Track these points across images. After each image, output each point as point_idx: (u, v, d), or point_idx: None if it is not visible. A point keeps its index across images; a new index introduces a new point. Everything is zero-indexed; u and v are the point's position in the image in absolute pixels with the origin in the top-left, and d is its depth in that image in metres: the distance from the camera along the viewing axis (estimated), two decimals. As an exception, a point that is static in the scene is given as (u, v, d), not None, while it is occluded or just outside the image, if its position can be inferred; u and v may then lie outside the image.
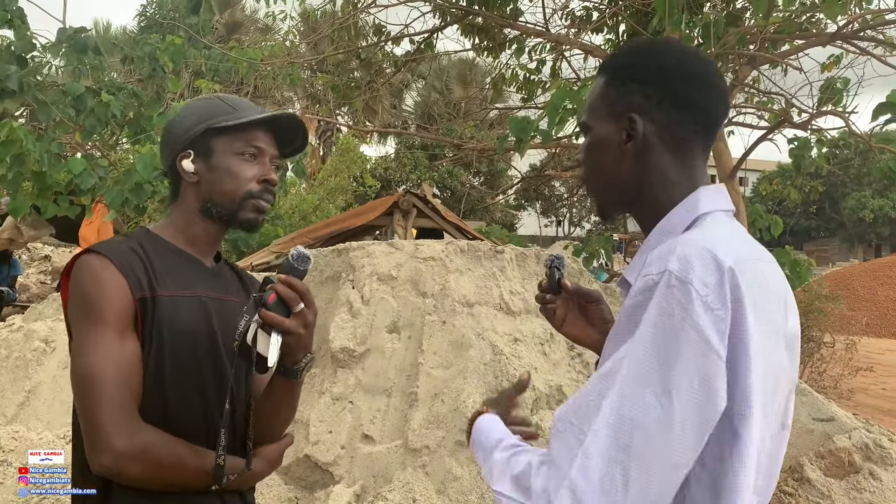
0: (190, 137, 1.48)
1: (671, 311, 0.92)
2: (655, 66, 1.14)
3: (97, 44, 5.47)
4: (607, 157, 1.18)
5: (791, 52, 5.19)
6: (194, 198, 1.50)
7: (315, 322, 1.33)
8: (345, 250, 3.99)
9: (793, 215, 29.79)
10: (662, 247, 1.01)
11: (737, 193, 5.43)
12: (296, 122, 1.57)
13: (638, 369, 0.92)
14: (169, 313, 1.38)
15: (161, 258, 1.44)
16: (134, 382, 1.32)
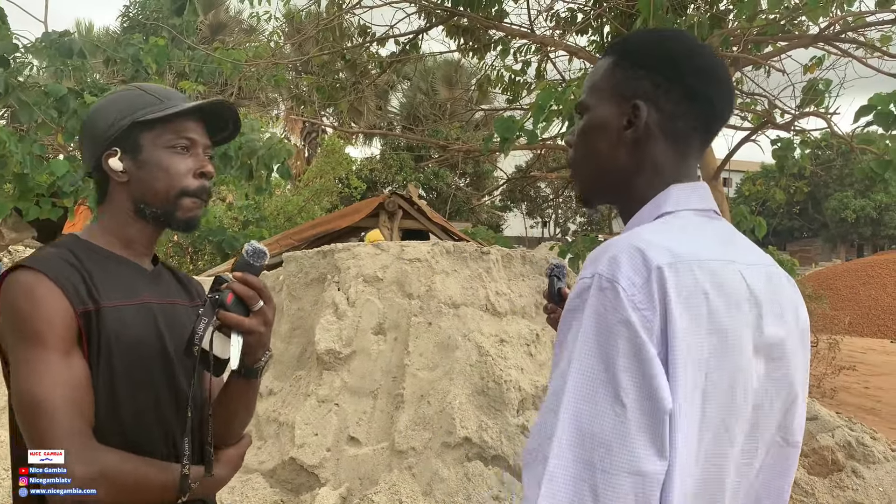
0: (114, 133, 1.37)
1: (605, 315, 0.90)
2: (667, 54, 1.11)
3: (82, 48, 5.43)
4: (603, 140, 1.13)
5: (774, 53, 5.23)
6: (125, 198, 1.40)
7: (274, 319, 1.28)
8: (330, 252, 3.98)
9: (776, 216, 30.05)
10: (598, 248, 0.99)
11: (721, 194, 5.46)
12: (226, 108, 1.48)
13: (584, 379, 0.89)
14: (115, 325, 1.30)
15: (99, 267, 1.34)
16: (85, 404, 1.24)
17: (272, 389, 3.82)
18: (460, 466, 3.33)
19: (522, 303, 3.99)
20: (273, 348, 4.14)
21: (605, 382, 0.88)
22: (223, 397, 1.41)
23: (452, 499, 3.21)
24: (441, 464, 3.32)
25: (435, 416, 3.43)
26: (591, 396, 0.88)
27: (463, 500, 3.21)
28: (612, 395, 0.88)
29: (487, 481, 3.29)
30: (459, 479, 3.28)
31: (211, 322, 1.20)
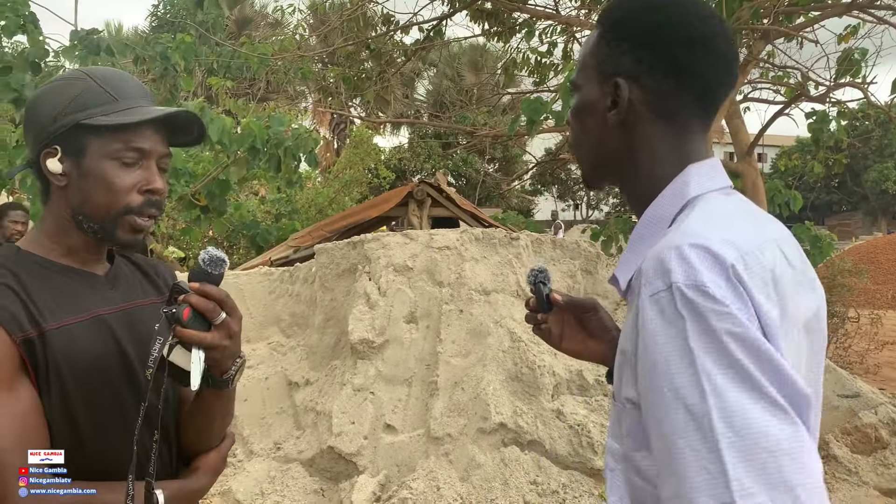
0: (56, 131, 1.20)
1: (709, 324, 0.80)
2: (651, 25, 1.00)
3: (109, 45, 5.51)
4: (591, 122, 1.05)
5: (806, 24, 5.10)
6: (64, 204, 1.23)
7: (241, 328, 1.15)
8: (360, 242, 4.00)
9: (813, 189, 29.41)
10: (652, 254, 0.89)
11: (755, 170, 5.36)
12: (188, 117, 1.29)
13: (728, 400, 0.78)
14: (65, 347, 1.16)
15: (41, 282, 1.19)
16: (37, 438, 1.13)
17: (308, 379, 3.87)
18: (496, 452, 3.34)
19: (554, 287, 3.97)
20: (308, 339, 4.13)
21: (752, 393, 0.78)
22: (197, 407, 1.31)
23: (490, 484, 3.22)
24: (477, 449, 3.33)
25: (469, 402, 3.44)
26: (743, 410, 0.78)
27: (500, 486, 3.21)
28: (769, 403, 0.78)
29: (524, 466, 3.30)
30: (496, 464, 3.29)
31: (168, 341, 1.09)
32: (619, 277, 1.02)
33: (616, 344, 1.32)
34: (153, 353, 1.08)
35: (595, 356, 1.35)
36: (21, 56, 5.01)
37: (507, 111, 13.08)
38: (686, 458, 0.79)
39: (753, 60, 5.19)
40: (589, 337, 1.35)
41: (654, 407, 0.84)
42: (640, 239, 1.01)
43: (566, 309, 1.34)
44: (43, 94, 1.25)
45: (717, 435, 0.77)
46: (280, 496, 3.40)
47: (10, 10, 4.84)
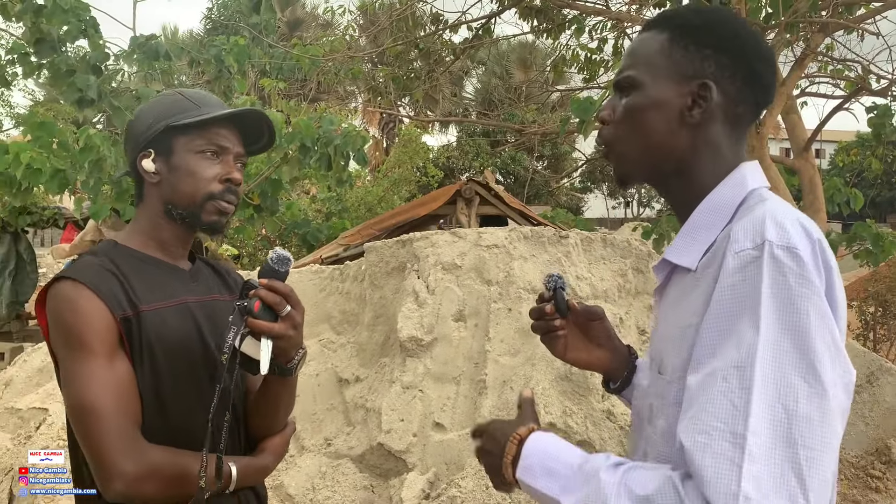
0: (150, 136, 1.42)
1: (787, 282, 0.86)
2: (733, 35, 1.07)
3: (167, 50, 5.66)
4: (660, 121, 1.08)
5: (867, 15, 4.93)
6: (157, 199, 1.44)
7: (303, 321, 1.29)
8: (409, 241, 4.02)
9: (873, 186, 28.44)
10: (744, 222, 0.95)
11: (812, 166, 5.21)
12: (260, 117, 1.50)
13: (775, 352, 0.84)
14: (156, 328, 1.34)
15: (136, 271, 1.38)
16: (132, 405, 1.29)
17: (358, 376, 3.91)
18: (545, 451, 3.33)
19: (604, 286, 3.93)
20: (358, 336, 4.18)
21: (798, 352, 0.84)
22: (263, 393, 1.45)
23: (538, 484, 3.21)
24: (526, 449, 3.32)
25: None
26: (785, 368, 0.84)
27: (549, 485, 3.20)
28: (806, 366, 0.84)
29: (573, 466, 3.28)
30: (545, 464, 3.28)
31: (241, 330, 1.23)
32: (680, 261, 1.06)
33: (619, 353, 1.38)
34: (227, 340, 1.22)
35: (600, 365, 1.38)
36: (83, 60, 5.19)
37: (555, 108, 12.99)
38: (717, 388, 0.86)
39: (811, 54, 5.04)
40: (594, 346, 1.38)
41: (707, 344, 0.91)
42: (702, 226, 1.06)
43: (581, 314, 1.36)
44: (140, 110, 1.49)
45: (754, 380, 0.83)
46: (331, 491, 3.45)
47: (73, 15, 5.01)
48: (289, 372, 1.34)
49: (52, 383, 4.07)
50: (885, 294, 7.63)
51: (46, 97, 28.12)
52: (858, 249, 5.42)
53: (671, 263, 1.09)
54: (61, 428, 3.72)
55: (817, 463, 0.81)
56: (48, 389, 4.06)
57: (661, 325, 1.12)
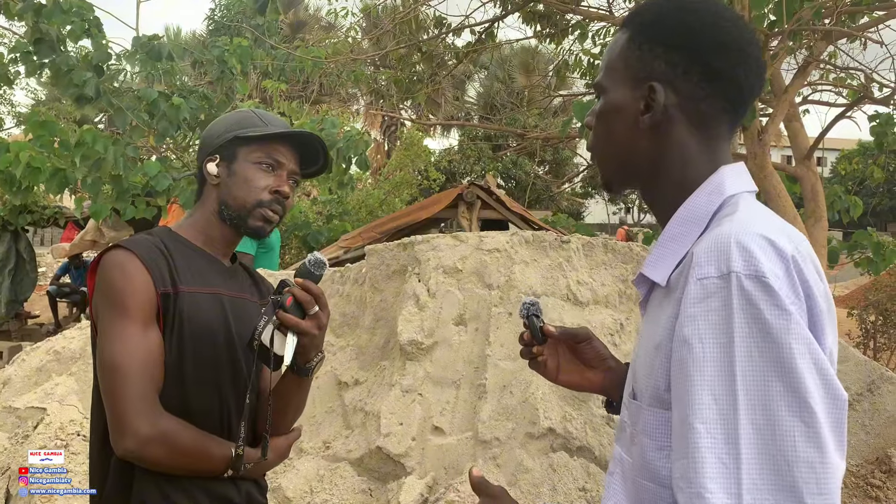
0: (219, 143, 1.56)
1: (762, 316, 0.79)
2: (685, 29, 0.99)
3: (170, 51, 5.67)
4: (620, 126, 1.04)
5: (870, 24, 4.94)
6: (213, 199, 1.57)
7: (328, 324, 1.40)
8: (410, 244, 4.01)
9: (875, 195, 28.46)
10: (707, 241, 0.88)
11: (814, 174, 5.21)
12: (318, 142, 1.63)
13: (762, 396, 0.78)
14: (190, 309, 1.45)
15: (182, 256, 1.51)
16: (156, 372, 1.39)
17: (357, 379, 3.90)
18: (545, 457, 3.31)
19: (605, 292, 3.92)
20: (358, 339, 4.17)
21: (786, 390, 0.78)
22: (277, 391, 1.54)
23: (538, 489, 3.20)
24: (525, 454, 3.31)
25: (518, 406, 3.42)
26: (774, 410, 0.78)
27: (548, 491, 3.19)
28: (798, 403, 0.77)
29: (573, 472, 3.26)
30: (544, 469, 3.27)
31: (271, 321, 1.33)
32: (653, 275, 1.01)
33: (614, 373, 1.34)
34: (258, 327, 1.33)
35: (594, 386, 1.35)
36: (85, 59, 5.19)
37: (558, 113, 13.00)
38: (703, 444, 0.79)
39: (814, 62, 5.05)
40: (586, 368, 1.34)
41: (682, 389, 0.84)
42: (674, 237, 1.00)
43: (560, 340, 1.33)
44: (215, 121, 1.65)
45: (739, 430, 0.77)
46: (329, 494, 3.43)
47: (76, 15, 5.01)
48: (306, 372, 1.45)
49: (50, 383, 4.06)
50: (886, 303, 7.62)
51: (48, 96, 28.15)
52: (859, 258, 5.41)
53: (649, 278, 1.03)
54: (59, 428, 3.71)
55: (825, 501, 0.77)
56: (46, 389, 4.05)
57: (639, 342, 1.07)
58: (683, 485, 0.81)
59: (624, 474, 1.03)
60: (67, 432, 3.58)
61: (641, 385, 0.99)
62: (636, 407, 0.99)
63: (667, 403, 0.91)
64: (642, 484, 0.96)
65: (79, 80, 4.86)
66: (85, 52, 5.28)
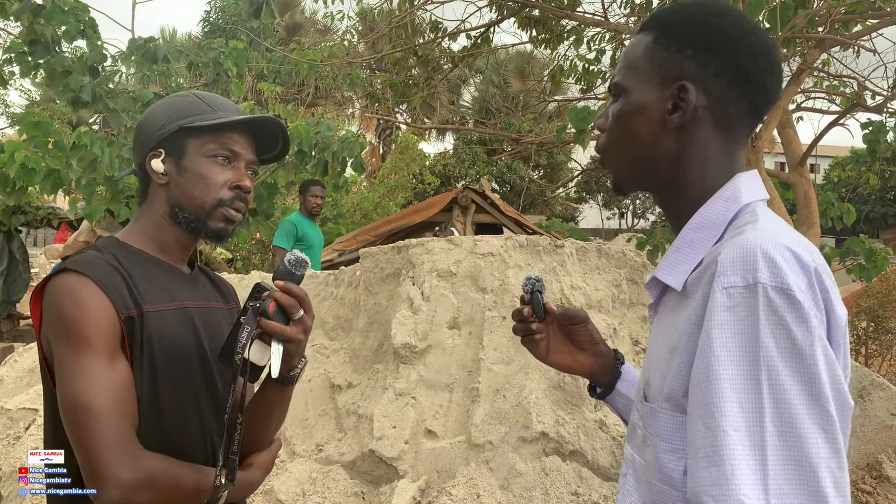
0: (162, 136, 1.38)
1: (788, 327, 0.81)
2: (718, 33, 1.00)
3: (167, 53, 5.66)
4: (643, 126, 1.04)
5: (863, 32, 4.97)
6: (163, 200, 1.40)
7: (312, 326, 1.28)
8: (404, 247, 4.02)
9: (867, 202, 28.58)
10: (732, 250, 0.89)
11: (807, 181, 5.24)
12: (275, 125, 1.46)
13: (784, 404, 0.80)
14: (158, 329, 1.31)
15: (140, 270, 1.34)
16: (129, 408, 1.24)
17: (351, 382, 3.90)
18: (537, 461, 3.32)
19: (598, 296, 3.94)
20: (351, 342, 4.17)
21: (809, 399, 0.80)
22: (257, 403, 1.41)
23: (530, 493, 3.20)
24: (518, 458, 3.32)
25: (511, 410, 3.43)
26: (797, 418, 0.80)
27: (541, 495, 3.19)
28: (819, 412, 0.80)
29: (565, 477, 3.27)
30: (537, 473, 3.27)
31: (253, 330, 1.20)
32: (668, 280, 1.02)
33: (604, 357, 1.35)
34: (241, 339, 1.19)
35: (583, 369, 1.35)
36: (80, 60, 5.18)
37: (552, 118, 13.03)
38: (736, 451, 0.81)
39: (808, 69, 5.08)
40: (577, 349, 1.34)
41: (707, 396, 0.85)
42: (690, 242, 1.01)
43: (559, 319, 1.32)
44: (152, 109, 1.45)
45: (765, 437, 0.80)
46: (321, 497, 3.43)
47: (71, 15, 5.00)
48: (290, 381, 1.32)
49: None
50: (877, 309, 7.65)
51: (43, 97, 28.06)
52: (852, 264, 5.44)
53: (662, 282, 1.04)
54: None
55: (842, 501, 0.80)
56: (38, 390, 4.03)
57: (652, 345, 1.08)
58: (716, 492, 0.82)
59: (637, 475, 1.05)
60: (59, 434, 3.57)
61: (655, 388, 1.01)
62: (650, 409, 1.00)
63: (682, 407, 0.92)
64: (657, 486, 0.97)
65: (76, 85, 4.85)
66: (80, 53, 5.27)
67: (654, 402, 0.99)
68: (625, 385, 1.32)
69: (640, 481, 1.04)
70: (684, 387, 0.92)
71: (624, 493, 1.07)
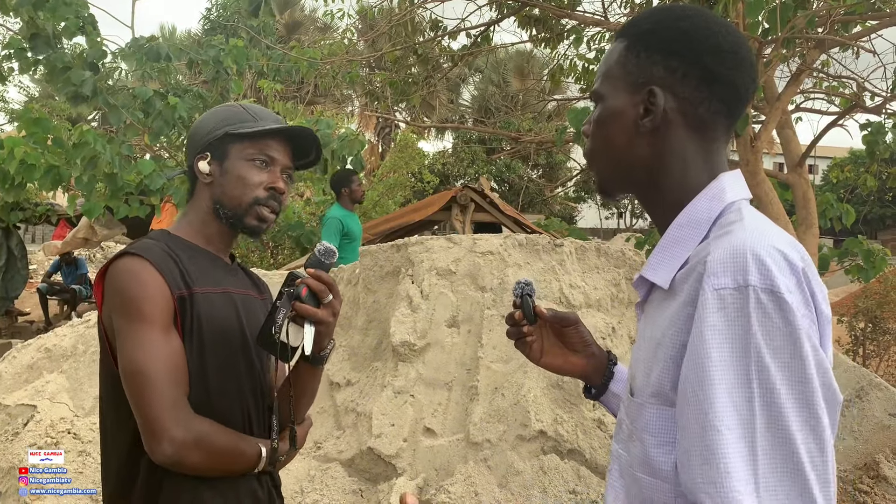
0: (209, 140, 1.55)
1: (779, 329, 0.84)
2: (682, 35, 1.03)
3: (168, 52, 5.66)
4: (619, 131, 1.07)
5: (863, 33, 4.97)
6: (207, 198, 1.56)
7: (340, 311, 1.42)
8: (404, 245, 4.02)
9: (865, 203, 28.63)
10: (722, 251, 0.90)
11: (806, 181, 5.25)
12: (310, 136, 1.61)
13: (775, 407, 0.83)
14: (206, 310, 1.46)
15: (188, 257, 1.50)
16: (182, 376, 1.39)
17: (350, 380, 3.90)
18: (535, 459, 3.33)
19: (597, 296, 3.94)
20: (350, 340, 4.17)
21: (798, 398, 0.83)
22: (291, 382, 1.53)
23: (528, 491, 3.21)
24: (516, 456, 3.32)
25: (509, 408, 3.43)
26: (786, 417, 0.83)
27: (539, 494, 3.20)
28: (808, 411, 0.83)
29: (563, 475, 3.28)
30: (535, 472, 3.28)
31: (287, 313, 1.34)
32: (654, 278, 1.04)
33: (596, 359, 1.38)
34: (277, 321, 1.34)
35: (576, 370, 1.38)
36: (80, 57, 5.18)
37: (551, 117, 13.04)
38: (730, 449, 0.83)
39: (807, 70, 5.08)
40: (569, 351, 1.37)
41: (699, 397, 0.87)
42: (676, 241, 1.03)
43: (550, 322, 1.35)
44: (203, 116, 1.62)
45: (756, 436, 0.82)
46: (319, 495, 3.43)
47: (71, 11, 5.00)
48: (321, 360, 1.47)
49: (41, 380, 4.04)
50: (875, 310, 7.66)
51: (41, 93, 28.02)
52: (850, 265, 5.45)
53: (649, 280, 1.06)
54: (49, 425, 3.70)
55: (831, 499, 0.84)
56: (37, 386, 4.03)
57: (639, 341, 1.10)
58: (711, 490, 0.84)
59: (621, 470, 1.07)
60: (58, 430, 3.57)
61: (640, 383, 1.03)
62: (636, 405, 1.02)
63: (670, 401, 0.95)
64: (644, 479, 0.99)
65: (77, 80, 4.85)
66: (80, 49, 5.26)
67: (640, 398, 1.01)
68: (618, 385, 1.34)
69: (623, 475, 1.06)
70: (672, 381, 0.94)
71: (609, 488, 1.10)
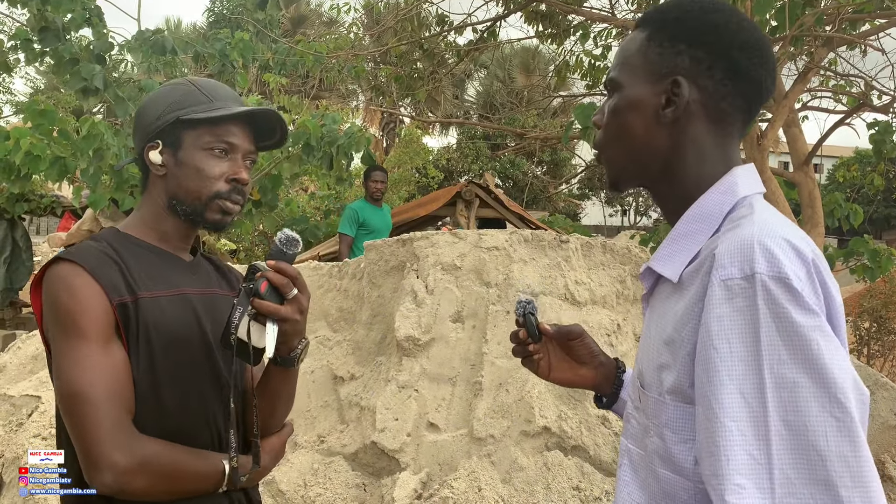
0: (159, 127, 1.38)
1: (788, 315, 0.81)
2: (710, 27, 1.01)
3: (174, 45, 5.66)
4: (637, 121, 1.05)
5: (871, 32, 4.96)
6: (161, 191, 1.40)
7: (308, 306, 1.26)
8: (409, 240, 4.02)
9: (872, 203, 28.55)
10: (729, 243, 0.90)
11: (812, 180, 5.23)
12: (273, 115, 1.45)
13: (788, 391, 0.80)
14: (154, 316, 1.31)
15: (137, 258, 1.35)
16: (125, 393, 1.24)
17: (353, 374, 3.90)
18: (539, 455, 3.33)
19: (602, 292, 3.94)
20: (355, 334, 4.16)
21: (816, 386, 0.80)
22: (263, 387, 1.40)
23: (532, 487, 3.21)
24: (520, 452, 3.32)
25: (513, 404, 3.43)
26: (804, 406, 0.80)
27: (542, 490, 3.20)
28: (828, 399, 0.80)
29: (567, 471, 3.28)
30: (539, 468, 3.28)
31: (246, 311, 1.20)
32: (663, 271, 1.02)
33: (605, 368, 1.36)
34: (233, 320, 1.20)
35: (586, 382, 1.36)
36: (87, 49, 5.18)
37: (557, 114, 13.01)
38: (733, 441, 0.81)
39: (814, 68, 5.07)
40: (578, 364, 1.35)
41: (709, 388, 0.86)
42: (686, 234, 1.02)
43: (554, 337, 1.34)
44: (150, 98, 1.44)
45: (770, 426, 0.80)
46: (322, 488, 3.44)
47: (78, 3, 5.00)
48: (291, 362, 1.30)
49: (45, 371, 4.05)
50: (881, 310, 7.64)
51: (47, 85, 28.06)
52: (855, 265, 5.44)
53: (656, 272, 1.05)
54: (53, 416, 3.71)
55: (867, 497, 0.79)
56: (41, 377, 4.04)
57: (645, 335, 1.09)
58: (714, 482, 0.83)
59: (633, 465, 1.06)
60: (62, 421, 3.58)
61: (648, 378, 1.02)
62: (655, 401, 1.01)
63: (690, 398, 0.93)
64: (659, 473, 0.98)
65: (87, 73, 4.85)
66: (86, 41, 5.27)
67: (653, 392, 1.00)
68: (627, 392, 1.33)
69: (637, 471, 1.05)
70: (690, 378, 0.93)
71: (621, 483, 1.08)
